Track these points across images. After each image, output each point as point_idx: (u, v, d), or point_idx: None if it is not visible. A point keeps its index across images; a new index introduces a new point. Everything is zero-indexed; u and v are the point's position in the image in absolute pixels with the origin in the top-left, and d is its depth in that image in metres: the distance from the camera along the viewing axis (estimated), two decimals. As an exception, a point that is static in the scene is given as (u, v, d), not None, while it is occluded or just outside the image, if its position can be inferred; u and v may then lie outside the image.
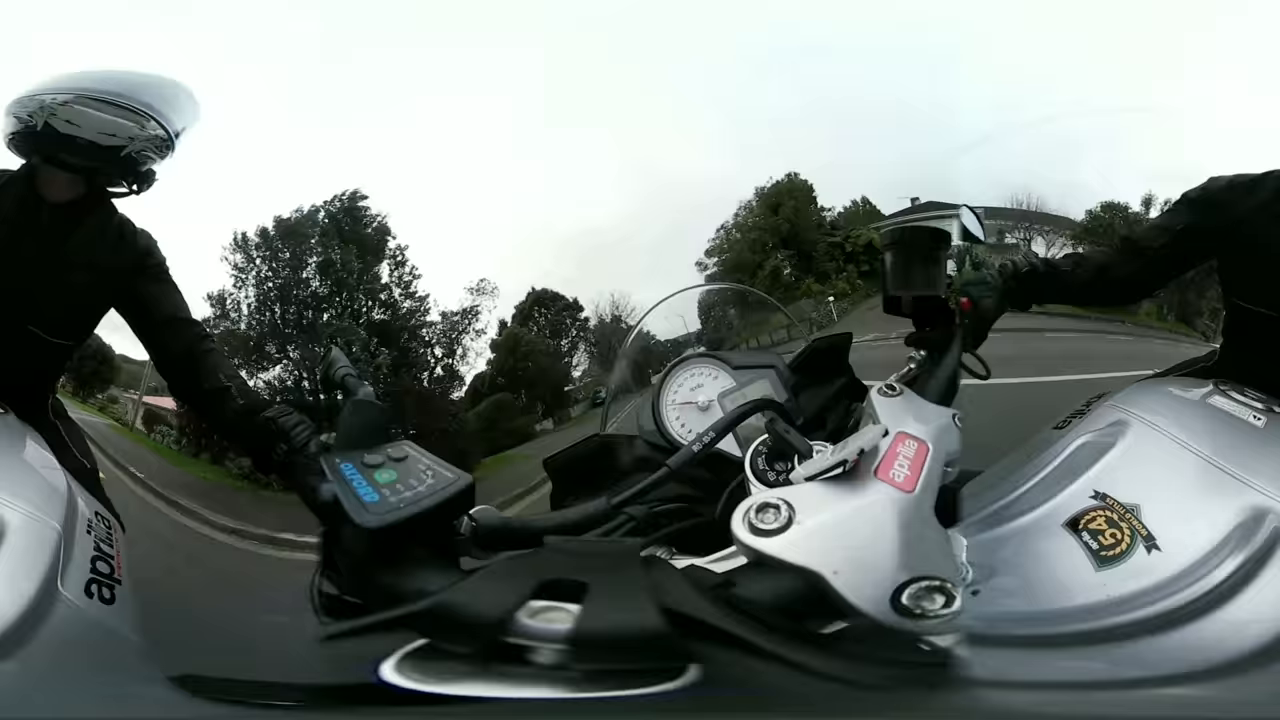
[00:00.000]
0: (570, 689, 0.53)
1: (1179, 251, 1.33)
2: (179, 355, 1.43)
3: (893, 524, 0.59)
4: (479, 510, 0.72)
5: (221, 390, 1.40)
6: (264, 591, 2.43)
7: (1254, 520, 0.85)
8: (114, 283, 1.40)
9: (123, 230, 1.42)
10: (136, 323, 1.45)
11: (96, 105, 1.26)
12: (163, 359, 1.46)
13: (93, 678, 0.81)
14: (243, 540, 3.67)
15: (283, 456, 1.29)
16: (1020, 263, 1.33)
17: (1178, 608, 0.78)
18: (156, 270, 1.45)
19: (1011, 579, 0.86)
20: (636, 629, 0.52)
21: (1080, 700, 0.69)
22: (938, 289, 1.05)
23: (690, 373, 1.11)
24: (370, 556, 0.62)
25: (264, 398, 1.44)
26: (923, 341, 1.06)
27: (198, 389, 1.43)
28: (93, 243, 1.37)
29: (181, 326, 1.45)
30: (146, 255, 1.44)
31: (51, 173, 1.31)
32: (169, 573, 2.65)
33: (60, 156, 1.28)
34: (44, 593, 0.85)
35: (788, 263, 6.93)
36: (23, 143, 1.29)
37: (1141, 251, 1.34)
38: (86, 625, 0.87)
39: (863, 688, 0.53)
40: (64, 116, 1.25)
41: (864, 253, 6.67)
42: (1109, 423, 1.04)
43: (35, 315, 1.35)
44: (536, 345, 6.45)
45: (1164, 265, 1.36)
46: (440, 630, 0.56)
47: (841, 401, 1.05)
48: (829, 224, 7.07)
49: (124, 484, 4.18)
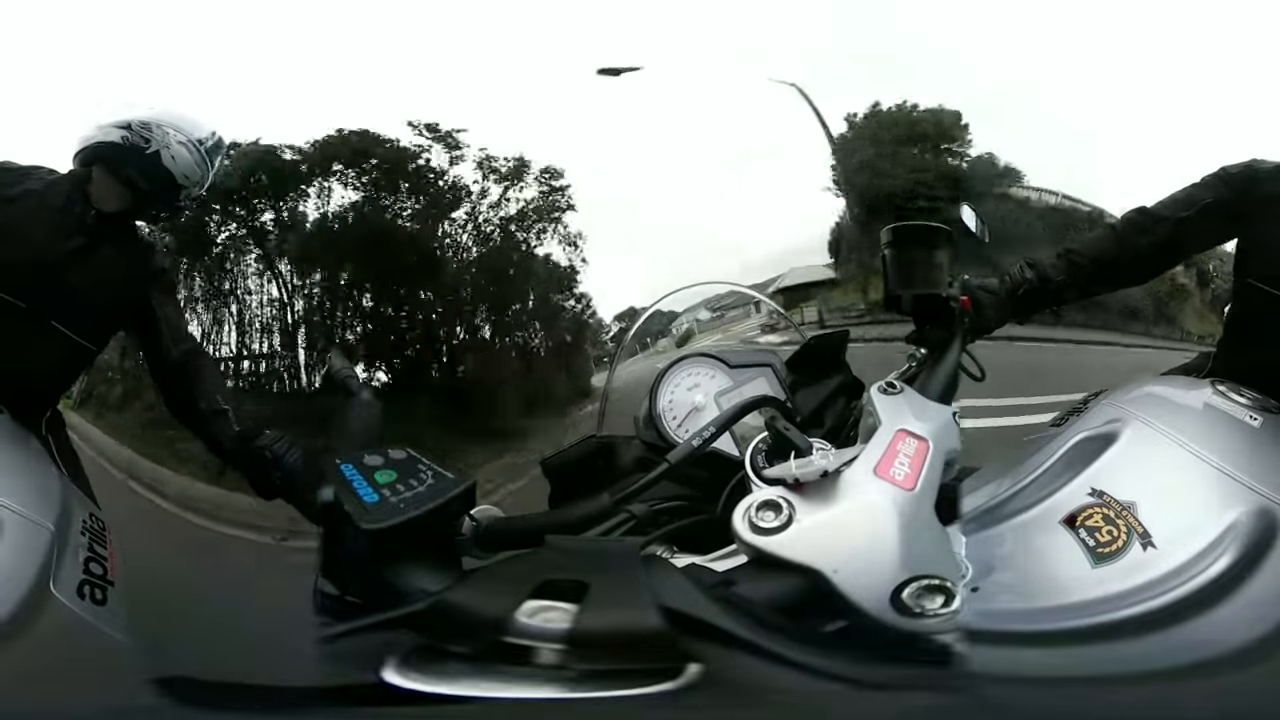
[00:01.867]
0: (570, 689, 0.53)
1: (1200, 225, 1.27)
2: (178, 365, 1.50)
3: (893, 522, 0.60)
4: (479, 510, 0.72)
5: (219, 413, 1.45)
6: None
7: (1249, 518, 0.85)
8: (134, 291, 1.50)
9: (149, 249, 1.58)
10: (142, 331, 1.53)
11: (193, 151, 1.48)
12: (162, 368, 1.51)
13: (84, 679, 0.81)
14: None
15: (280, 481, 1.36)
16: (1018, 278, 1.28)
17: (1173, 604, 0.79)
18: (169, 286, 1.60)
19: (1009, 575, 0.86)
20: (636, 628, 0.52)
21: (1077, 696, 0.69)
22: (939, 287, 1.05)
23: (687, 372, 1.11)
24: (371, 557, 0.61)
25: (256, 425, 1.46)
26: (923, 339, 1.06)
27: (194, 408, 1.48)
28: (125, 251, 1.50)
29: (182, 336, 1.54)
30: (162, 271, 1.59)
31: (111, 184, 1.45)
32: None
33: (143, 181, 1.45)
34: (36, 594, 0.84)
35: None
36: (122, 159, 1.44)
37: (1158, 222, 1.28)
38: (79, 627, 0.87)
39: (863, 686, 0.53)
40: (173, 154, 1.46)
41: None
42: (1107, 420, 1.04)
43: (63, 310, 1.40)
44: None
45: (1183, 237, 1.29)
46: (440, 630, 0.55)
47: (839, 399, 1.05)
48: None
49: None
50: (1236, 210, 1.25)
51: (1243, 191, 1.24)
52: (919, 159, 5.93)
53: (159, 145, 1.44)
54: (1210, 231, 1.29)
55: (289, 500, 1.38)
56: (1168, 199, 1.31)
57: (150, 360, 1.53)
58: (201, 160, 1.49)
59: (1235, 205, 1.24)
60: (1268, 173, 1.23)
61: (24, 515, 0.93)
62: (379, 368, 5.12)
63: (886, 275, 1.06)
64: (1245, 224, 1.25)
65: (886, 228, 1.05)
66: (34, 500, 0.98)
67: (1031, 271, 1.29)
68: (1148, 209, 1.31)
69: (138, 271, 1.51)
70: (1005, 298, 1.27)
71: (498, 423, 4.79)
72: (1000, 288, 1.28)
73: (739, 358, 1.11)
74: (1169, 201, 1.30)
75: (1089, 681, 0.74)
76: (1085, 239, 1.36)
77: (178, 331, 1.53)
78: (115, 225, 1.48)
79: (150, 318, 1.51)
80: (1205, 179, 1.29)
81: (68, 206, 1.42)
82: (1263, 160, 1.26)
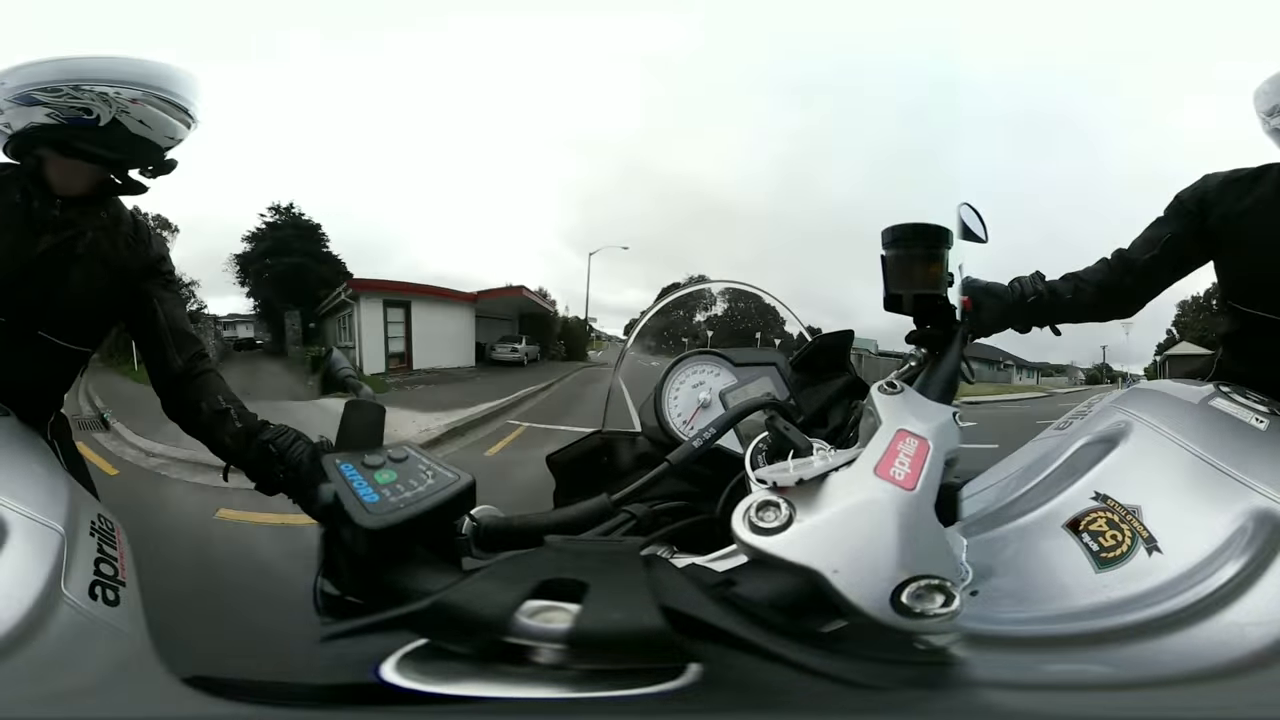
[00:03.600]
0: (570, 688, 0.53)
1: (1170, 260, 1.33)
2: (179, 371, 1.37)
3: (893, 522, 0.59)
4: (479, 510, 0.73)
5: (221, 413, 1.34)
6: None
7: (1255, 523, 0.84)
8: (125, 283, 1.33)
9: (138, 230, 1.36)
10: (141, 332, 1.38)
11: (164, 106, 1.18)
12: (162, 372, 1.38)
13: (97, 680, 0.81)
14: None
15: (283, 477, 1.29)
16: (1028, 287, 1.32)
17: (1178, 610, 0.78)
18: (168, 277, 1.40)
19: (1011, 579, 0.86)
20: (636, 628, 0.52)
21: (1079, 702, 0.69)
22: (939, 287, 1.05)
23: (692, 370, 1.11)
24: (371, 557, 0.62)
25: (259, 420, 1.36)
26: (924, 339, 1.06)
27: (195, 410, 1.36)
28: (106, 238, 1.30)
29: (185, 341, 1.38)
30: (160, 260, 1.38)
31: (70, 163, 1.20)
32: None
33: (113, 155, 1.19)
34: (47, 595, 0.85)
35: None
36: (75, 139, 1.16)
37: (1132, 265, 1.35)
38: (90, 627, 0.87)
39: (862, 687, 0.53)
40: (137, 116, 1.16)
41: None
42: (1110, 424, 1.04)
43: (46, 319, 1.28)
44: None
45: (1158, 274, 1.36)
46: (440, 630, 0.56)
47: (843, 399, 1.05)
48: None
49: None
50: (1200, 239, 1.30)
51: (1200, 220, 1.29)
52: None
53: (112, 113, 1.14)
54: (1182, 262, 1.35)
55: (292, 496, 1.31)
56: (1138, 240, 1.38)
57: (150, 366, 1.38)
58: (181, 114, 1.21)
59: (1197, 234, 1.30)
60: (1216, 193, 1.27)
61: (33, 518, 0.93)
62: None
63: (886, 275, 1.06)
64: (1213, 249, 1.30)
65: (886, 228, 1.05)
66: (42, 503, 0.98)
67: (1044, 284, 1.33)
68: (1123, 252, 1.38)
69: (129, 262, 1.31)
70: (1013, 304, 1.28)
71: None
72: (1008, 294, 1.29)
73: (744, 356, 1.12)
74: (1139, 243, 1.37)
75: (1093, 688, 0.74)
76: (1087, 269, 1.41)
77: (182, 336, 1.37)
78: (94, 204, 1.27)
79: (149, 318, 1.35)
80: (1165, 212, 1.35)
81: (26, 202, 1.21)
82: (1211, 175, 1.30)
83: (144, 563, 1.05)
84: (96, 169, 1.24)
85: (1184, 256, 1.33)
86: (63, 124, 1.15)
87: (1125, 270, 1.36)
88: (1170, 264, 1.34)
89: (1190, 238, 1.30)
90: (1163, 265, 1.34)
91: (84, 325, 1.34)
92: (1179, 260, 1.34)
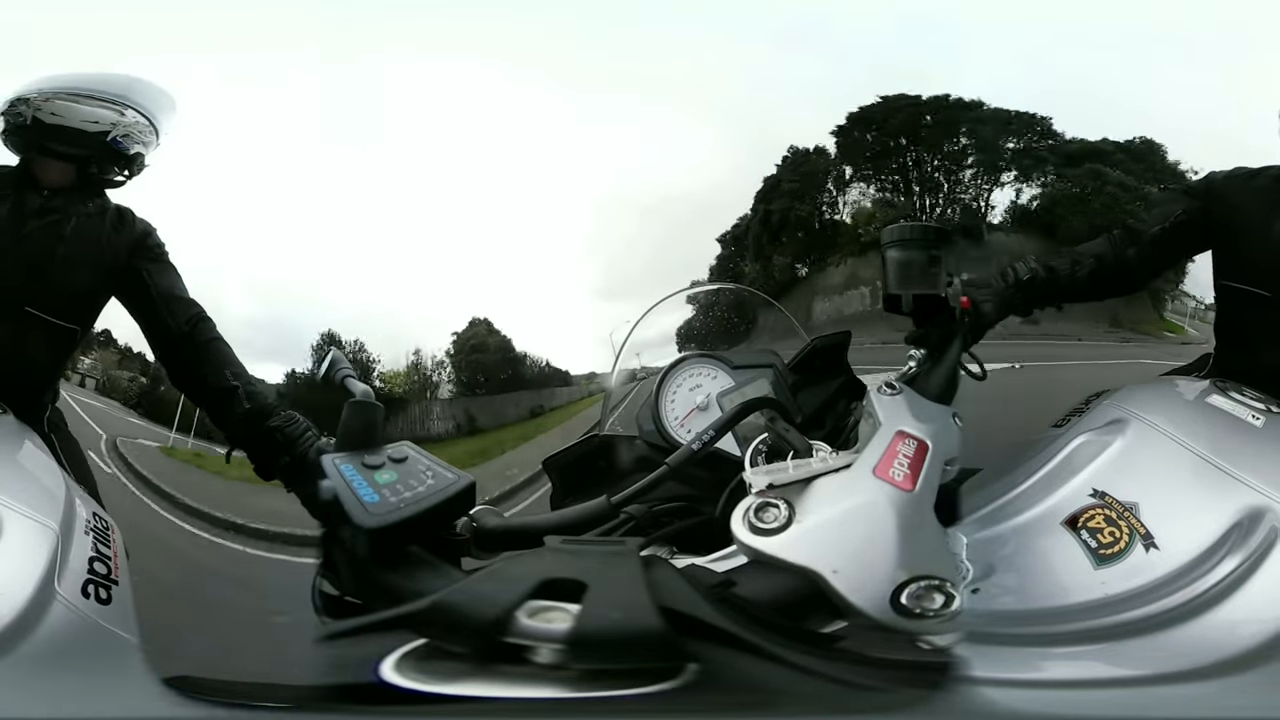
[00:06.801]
0: (569, 689, 0.53)
1: (1178, 236, 1.38)
2: (179, 338, 1.41)
3: (892, 523, 0.59)
4: (479, 510, 0.72)
5: (228, 390, 1.37)
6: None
7: (1252, 520, 0.85)
8: (112, 262, 1.42)
9: (122, 215, 1.47)
10: (135, 305, 1.45)
11: (75, 99, 1.40)
12: (163, 342, 1.43)
13: (89, 678, 0.81)
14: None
15: (285, 465, 1.29)
16: (1022, 270, 1.33)
17: (1176, 606, 0.79)
18: (156, 251, 1.47)
19: (1010, 577, 0.86)
20: (636, 629, 0.52)
21: (1078, 698, 0.69)
22: (938, 288, 1.05)
23: (689, 373, 1.11)
24: (370, 557, 0.62)
25: (270, 401, 1.39)
26: (922, 340, 1.06)
27: (202, 383, 1.40)
28: (91, 223, 1.42)
29: (180, 305, 1.44)
30: (145, 236, 1.47)
31: (45, 161, 1.40)
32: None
33: (51, 145, 1.39)
34: (41, 593, 0.84)
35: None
36: (16, 137, 1.40)
37: (1139, 237, 1.38)
38: (83, 626, 0.87)
39: (862, 688, 0.53)
40: (49, 110, 1.38)
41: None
42: (1108, 421, 1.04)
43: (34, 295, 1.36)
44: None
45: (1164, 248, 1.40)
46: (440, 630, 0.55)
47: (840, 400, 1.05)
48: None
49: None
50: (1206, 219, 1.37)
51: (1207, 203, 1.37)
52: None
53: (31, 112, 1.37)
54: (1186, 242, 1.42)
55: (289, 486, 1.31)
56: (1146, 217, 1.44)
57: (149, 335, 1.45)
58: (96, 102, 1.40)
59: (1204, 215, 1.37)
60: (1221, 182, 1.38)
61: (28, 515, 0.93)
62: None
63: (886, 275, 1.06)
64: (1216, 231, 1.37)
65: (885, 228, 1.05)
66: (38, 500, 0.98)
67: (1039, 264, 1.34)
68: (1130, 225, 1.43)
69: (115, 241, 1.42)
70: (1009, 290, 1.28)
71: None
72: (1000, 282, 1.29)
73: (741, 358, 1.11)
74: (1148, 219, 1.43)
75: (1092, 684, 0.74)
76: (1086, 245, 1.43)
77: (174, 301, 1.43)
78: (76, 197, 1.41)
79: (141, 290, 1.43)
80: (1174, 193, 1.46)
81: (18, 193, 1.38)
82: (1215, 171, 1.40)
83: (140, 562, 1.04)
84: (65, 165, 1.41)
85: (1190, 236, 1.39)
86: (12, 129, 1.40)
87: (1131, 242, 1.39)
88: (1177, 240, 1.39)
89: (1197, 218, 1.37)
90: (1169, 240, 1.38)
91: (72, 300, 1.41)
92: (1184, 239, 1.40)
